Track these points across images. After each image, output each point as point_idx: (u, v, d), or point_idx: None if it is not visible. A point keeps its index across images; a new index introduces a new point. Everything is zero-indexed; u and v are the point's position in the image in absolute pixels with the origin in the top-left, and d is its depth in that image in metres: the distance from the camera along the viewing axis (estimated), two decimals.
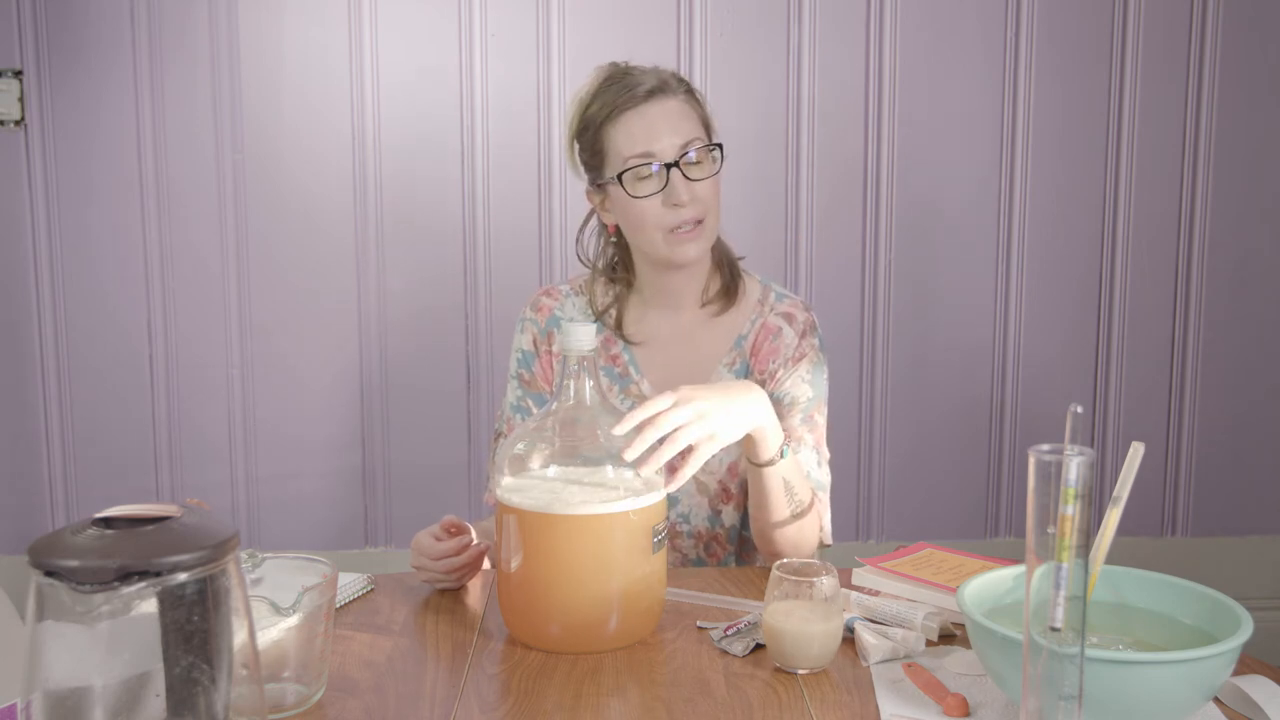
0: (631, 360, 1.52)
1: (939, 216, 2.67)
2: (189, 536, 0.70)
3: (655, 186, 1.41)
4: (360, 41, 2.56)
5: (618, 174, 1.42)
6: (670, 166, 1.40)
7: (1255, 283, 2.73)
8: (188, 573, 0.68)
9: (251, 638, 0.76)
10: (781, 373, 1.50)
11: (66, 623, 0.66)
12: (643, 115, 1.41)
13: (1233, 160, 2.69)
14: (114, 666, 0.68)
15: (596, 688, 1.05)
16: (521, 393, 1.53)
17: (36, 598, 0.68)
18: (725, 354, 1.52)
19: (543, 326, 1.54)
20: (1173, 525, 2.79)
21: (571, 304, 1.55)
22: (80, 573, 0.65)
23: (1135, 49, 2.64)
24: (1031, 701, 0.78)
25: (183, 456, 2.65)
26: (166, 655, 0.69)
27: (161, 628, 0.70)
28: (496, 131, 2.59)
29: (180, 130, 2.56)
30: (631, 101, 1.41)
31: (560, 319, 1.53)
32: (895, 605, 1.17)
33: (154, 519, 0.71)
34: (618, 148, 1.42)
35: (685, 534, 1.52)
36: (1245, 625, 0.92)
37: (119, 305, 2.60)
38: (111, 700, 0.69)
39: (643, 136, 1.41)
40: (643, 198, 1.41)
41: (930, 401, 2.72)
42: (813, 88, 2.62)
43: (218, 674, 0.71)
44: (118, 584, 0.65)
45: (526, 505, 1.12)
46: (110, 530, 0.70)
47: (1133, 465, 0.98)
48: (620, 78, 1.44)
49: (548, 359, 1.53)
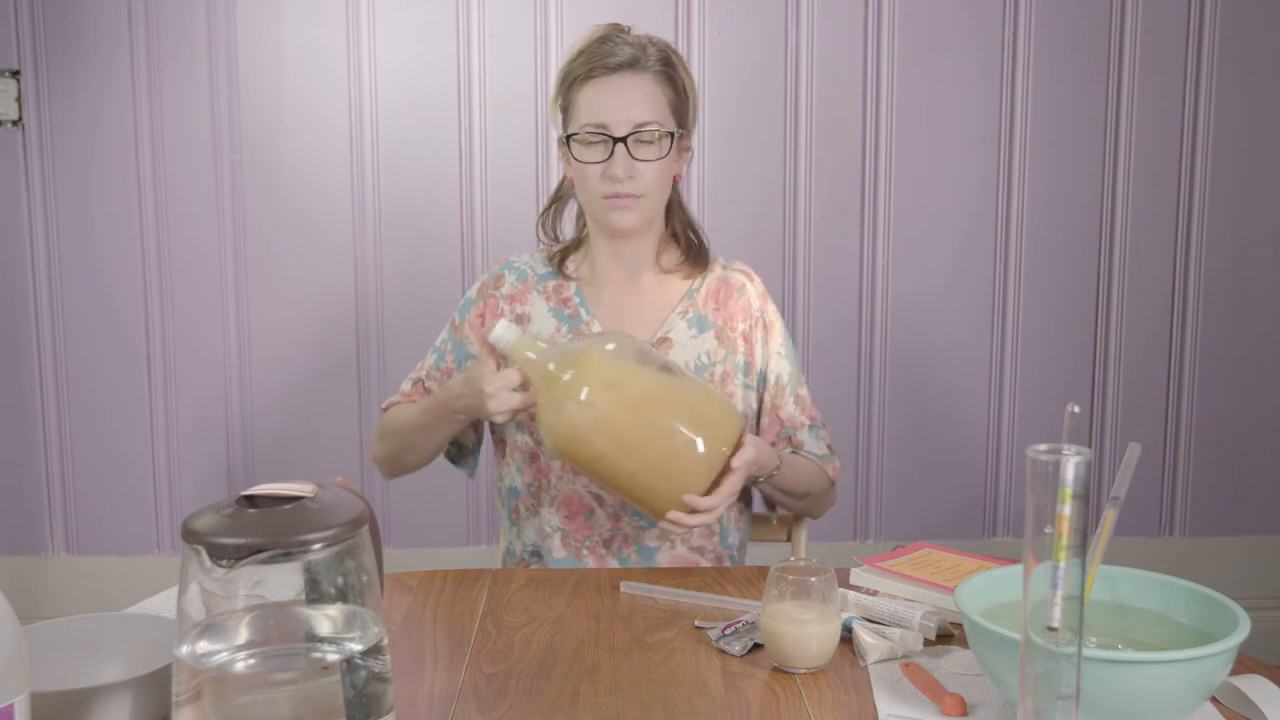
0: (582, 302, 1.55)
1: (937, 216, 2.67)
2: (322, 515, 0.77)
3: (599, 156, 1.46)
4: (358, 40, 2.56)
5: (570, 134, 1.49)
6: (617, 141, 1.45)
7: (1252, 284, 2.74)
8: (319, 547, 0.75)
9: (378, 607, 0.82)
10: (759, 347, 1.56)
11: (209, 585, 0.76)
12: (607, 86, 1.47)
13: (1230, 161, 2.69)
14: (240, 636, 0.77)
15: (595, 687, 1.05)
16: (446, 335, 1.60)
17: (183, 565, 0.76)
18: (678, 303, 1.56)
19: (493, 274, 1.60)
20: (1170, 525, 2.79)
21: (530, 255, 1.61)
22: (221, 549, 0.73)
23: (1133, 52, 2.64)
24: (1029, 701, 0.78)
25: (181, 456, 2.65)
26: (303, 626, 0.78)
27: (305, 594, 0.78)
28: (494, 130, 2.59)
29: (178, 130, 2.56)
30: (601, 71, 1.47)
31: (514, 263, 1.59)
32: (893, 605, 1.17)
33: (291, 498, 0.79)
34: (578, 110, 1.48)
35: None
36: (1242, 625, 0.92)
37: (117, 305, 2.60)
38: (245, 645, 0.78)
39: (600, 107, 1.46)
40: (586, 164, 1.47)
41: (928, 401, 2.72)
42: (811, 87, 2.62)
43: (348, 643, 0.79)
44: (250, 558, 0.74)
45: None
46: (253, 509, 0.77)
47: (1130, 465, 0.98)
48: (604, 42, 1.50)
49: (493, 301, 1.57)
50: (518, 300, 1.56)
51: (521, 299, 1.56)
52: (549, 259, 1.59)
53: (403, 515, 2.67)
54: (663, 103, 1.48)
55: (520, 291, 1.56)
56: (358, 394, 2.64)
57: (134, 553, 2.67)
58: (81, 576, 2.66)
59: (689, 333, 1.54)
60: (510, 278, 1.58)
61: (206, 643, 0.77)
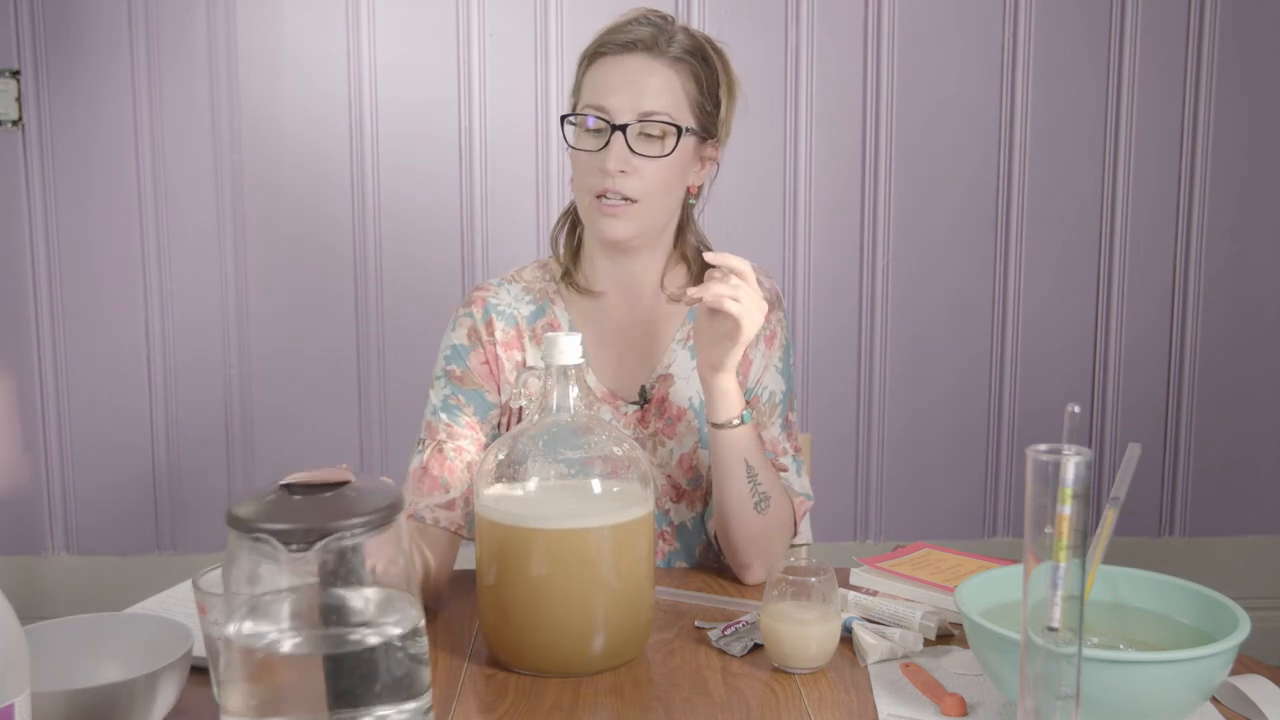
0: (570, 327, 1.39)
1: (937, 216, 2.67)
2: (361, 500, 0.80)
3: (594, 144, 1.28)
4: (358, 40, 2.56)
5: (563, 116, 1.33)
6: (616, 129, 1.26)
7: (1253, 283, 2.74)
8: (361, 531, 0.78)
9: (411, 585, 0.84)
10: (756, 358, 1.39)
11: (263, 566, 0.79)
12: (615, 66, 1.29)
13: (1230, 161, 2.69)
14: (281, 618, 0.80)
15: (594, 688, 1.05)
16: (451, 389, 1.35)
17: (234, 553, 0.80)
18: (677, 329, 1.40)
19: (479, 316, 1.38)
20: (1170, 525, 2.79)
21: (506, 290, 1.40)
22: (291, 534, 0.77)
23: (1133, 52, 2.64)
24: (1029, 701, 0.78)
25: (181, 456, 2.65)
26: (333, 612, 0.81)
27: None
28: (495, 131, 2.59)
29: (178, 130, 2.56)
30: (613, 48, 1.29)
31: (495, 305, 1.38)
32: (893, 605, 1.17)
33: (332, 484, 0.81)
34: (586, 90, 1.31)
35: None
36: (1242, 625, 0.92)
37: (117, 305, 2.60)
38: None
39: (604, 88, 1.28)
40: (578, 150, 1.30)
41: (928, 401, 2.72)
42: (811, 87, 2.62)
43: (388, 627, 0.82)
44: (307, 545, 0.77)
45: (506, 519, 1.06)
46: (297, 496, 0.80)
47: (1130, 465, 0.98)
48: (630, 21, 1.32)
49: (491, 349, 1.37)
50: (513, 348, 1.38)
51: (517, 346, 1.38)
52: (525, 289, 1.40)
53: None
54: (679, 94, 1.29)
55: (513, 339, 1.38)
56: (357, 394, 2.64)
57: (134, 553, 2.67)
58: (81, 576, 2.66)
59: (691, 364, 1.37)
60: (500, 324, 1.37)
61: (252, 624, 0.79)
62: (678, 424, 1.39)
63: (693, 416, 1.39)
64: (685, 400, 1.39)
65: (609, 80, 1.28)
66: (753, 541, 1.31)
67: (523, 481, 1.10)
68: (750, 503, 1.29)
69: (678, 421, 1.39)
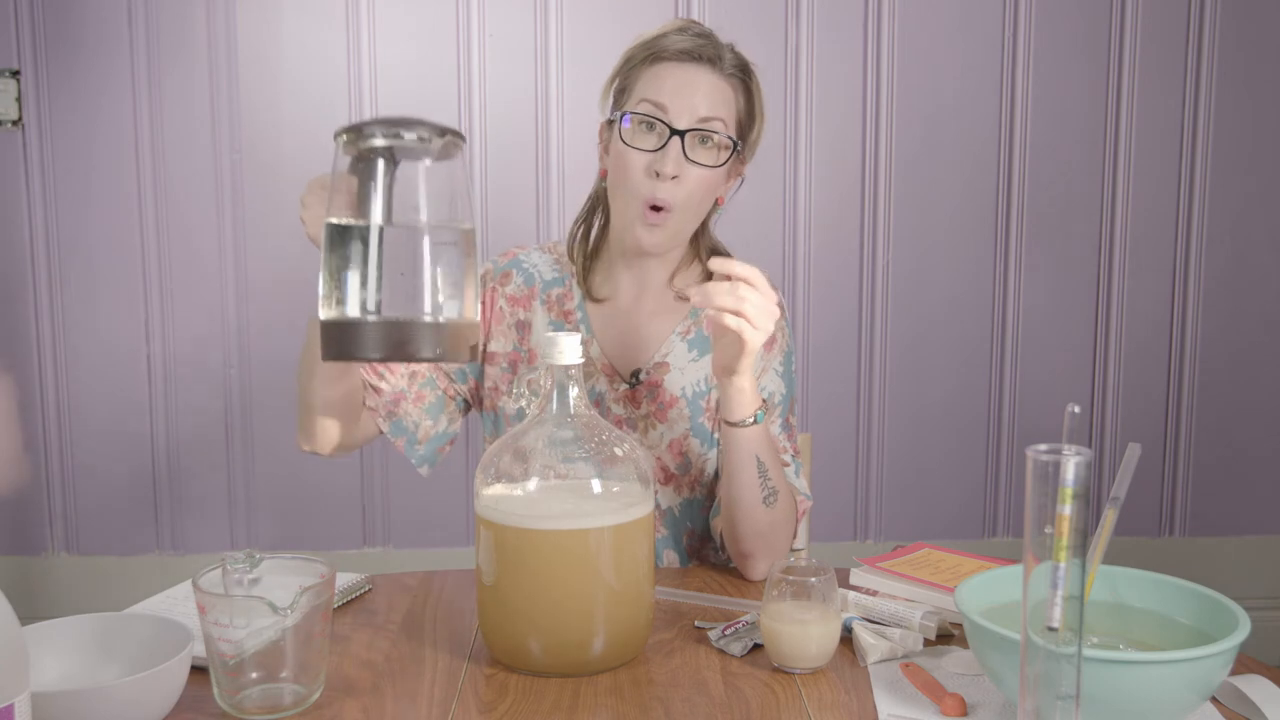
0: (584, 318, 1.43)
1: (937, 216, 2.67)
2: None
3: (651, 143, 1.31)
4: (358, 41, 2.56)
5: (623, 112, 1.33)
6: (674, 133, 1.30)
7: (1252, 284, 2.74)
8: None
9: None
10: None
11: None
12: (679, 71, 1.32)
13: (1230, 161, 2.69)
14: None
15: (594, 687, 1.05)
16: None
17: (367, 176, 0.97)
18: (679, 322, 1.44)
19: (499, 265, 1.45)
20: (1170, 525, 2.79)
21: (539, 254, 1.47)
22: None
23: (1133, 52, 2.64)
24: (1029, 701, 0.78)
25: (181, 455, 2.65)
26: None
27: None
28: (494, 132, 2.59)
29: (178, 130, 2.56)
30: (673, 56, 1.33)
31: (523, 262, 1.45)
32: (893, 605, 1.17)
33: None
34: (640, 88, 1.33)
35: None
36: (1243, 625, 0.92)
37: (117, 305, 2.60)
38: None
39: (665, 89, 1.31)
40: (633, 149, 1.31)
41: (928, 402, 2.72)
42: (811, 87, 2.62)
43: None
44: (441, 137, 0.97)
45: (506, 519, 1.07)
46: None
47: (1130, 465, 0.98)
48: (683, 30, 1.35)
49: (493, 293, 1.43)
50: (520, 305, 1.44)
51: (525, 304, 1.44)
52: (557, 261, 1.47)
53: (403, 515, 2.67)
54: (731, 108, 1.34)
55: (525, 296, 1.44)
56: None
57: (134, 553, 2.67)
58: (81, 576, 2.66)
59: (688, 355, 1.43)
60: (517, 279, 1.45)
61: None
62: (669, 410, 1.43)
63: (684, 405, 1.43)
64: (678, 389, 1.42)
65: (670, 84, 1.31)
66: (758, 535, 1.32)
67: (522, 482, 1.10)
68: (760, 497, 1.31)
69: (669, 408, 1.43)
